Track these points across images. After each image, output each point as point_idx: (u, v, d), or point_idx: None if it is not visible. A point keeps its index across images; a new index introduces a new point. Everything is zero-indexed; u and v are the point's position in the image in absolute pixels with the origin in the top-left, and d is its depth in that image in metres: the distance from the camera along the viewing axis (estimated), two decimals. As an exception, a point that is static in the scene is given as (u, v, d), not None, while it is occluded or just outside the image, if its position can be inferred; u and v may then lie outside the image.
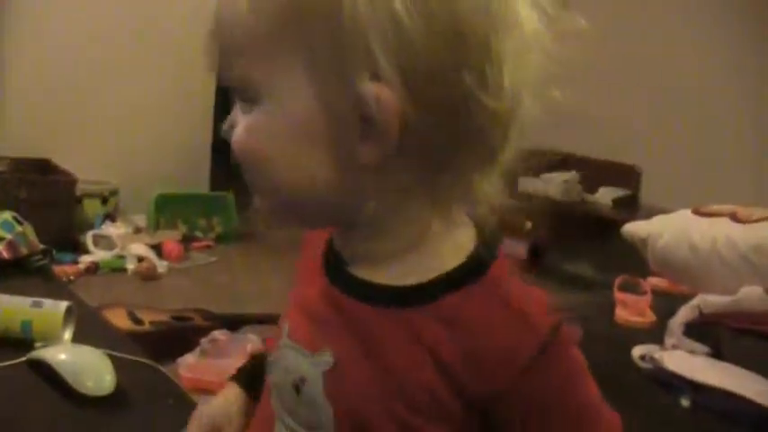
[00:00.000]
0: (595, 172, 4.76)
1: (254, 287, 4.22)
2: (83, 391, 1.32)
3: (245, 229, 5.20)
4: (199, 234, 5.00)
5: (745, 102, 4.39)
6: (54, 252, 2.18)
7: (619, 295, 1.99)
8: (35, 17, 4.60)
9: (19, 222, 2.12)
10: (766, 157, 4.34)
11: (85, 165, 4.67)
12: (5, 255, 2.04)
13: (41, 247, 2.17)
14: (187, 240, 4.82)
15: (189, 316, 3.30)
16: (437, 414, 0.75)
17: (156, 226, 4.88)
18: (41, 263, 2.15)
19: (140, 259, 4.31)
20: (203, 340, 3.03)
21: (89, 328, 1.60)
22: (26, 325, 1.48)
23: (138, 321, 3.14)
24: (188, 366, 2.83)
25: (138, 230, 4.76)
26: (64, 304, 1.52)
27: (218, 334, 3.11)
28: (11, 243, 2.07)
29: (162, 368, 1.51)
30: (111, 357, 1.40)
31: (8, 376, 1.39)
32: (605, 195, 4.58)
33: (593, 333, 1.91)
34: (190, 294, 3.99)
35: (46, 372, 1.36)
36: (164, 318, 3.24)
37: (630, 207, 4.54)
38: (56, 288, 1.93)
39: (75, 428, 1.29)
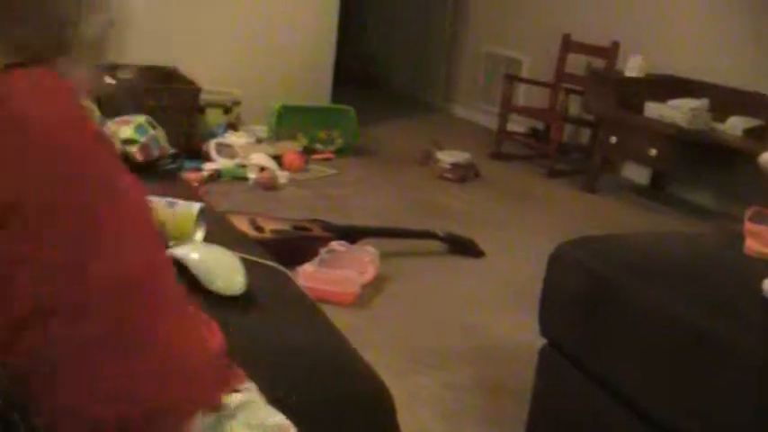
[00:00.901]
0: (725, 100, 4.58)
1: (372, 201, 4.26)
2: (213, 289, 1.36)
3: (364, 143, 5.24)
4: (319, 146, 5.05)
5: None
6: (183, 157, 2.24)
7: (749, 226, 1.93)
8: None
9: (152, 126, 2.18)
10: None
11: (209, 75, 4.75)
12: (139, 157, 2.11)
13: (172, 151, 2.23)
14: (307, 152, 4.87)
15: (308, 226, 3.36)
16: None
17: (277, 137, 4.95)
18: (171, 166, 2.21)
19: (261, 169, 4.38)
20: (322, 250, 3.09)
21: (218, 231, 1.64)
22: (160, 224, 1.52)
23: (258, 229, 3.21)
24: (306, 275, 2.89)
25: (259, 141, 4.83)
26: (197, 205, 1.56)
27: (337, 245, 3.16)
28: (144, 146, 2.13)
29: (289, 273, 1.54)
30: (241, 259, 1.44)
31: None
32: (736, 125, 4.41)
33: (722, 264, 1.88)
34: (309, 205, 4.06)
35: (177, 270, 1.41)
36: (284, 227, 3.30)
37: (762, 138, 4.36)
38: (185, 191, 1.98)
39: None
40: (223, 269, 1.39)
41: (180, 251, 1.42)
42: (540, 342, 2.05)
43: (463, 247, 3.60)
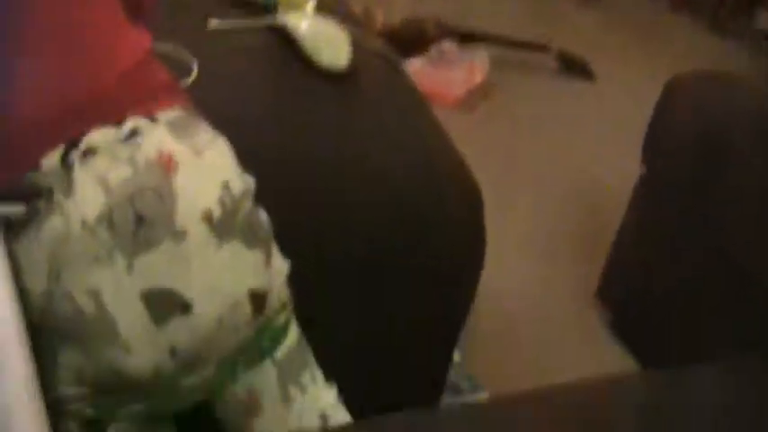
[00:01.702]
0: None
1: (490, 6, 4.11)
2: (317, 62, 1.33)
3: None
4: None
5: None
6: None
7: None
8: None
9: None
10: None
11: None
12: None
13: None
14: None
15: (422, 22, 3.27)
16: None
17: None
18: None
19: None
20: (432, 48, 3.01)
21: (330, 6, 1.59)
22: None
23: (370, 19, 3.14)
24: (413, 71, 2.83)
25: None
26: (311, -25, 1.51)
27: (448, 45, 3.08)
28: None
29: (394, 57, 1.49)
30: (350, 38, 1.39)
31: (247, 36, 1.41)
32: None
33: None
34: (425, 1, 3.94)
35: (285, 39, 1.38)
36: (396, 20, 3.22)
37: None
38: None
39: (304, 98, 1.32)
40: (330, 42, 1.35)
41: (290, 20, 1.38)
42: (639, 172, 1.99)
43: (575, 68, 3.47)
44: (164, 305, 0.90)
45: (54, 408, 0.93)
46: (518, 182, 2.56)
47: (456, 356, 1.76)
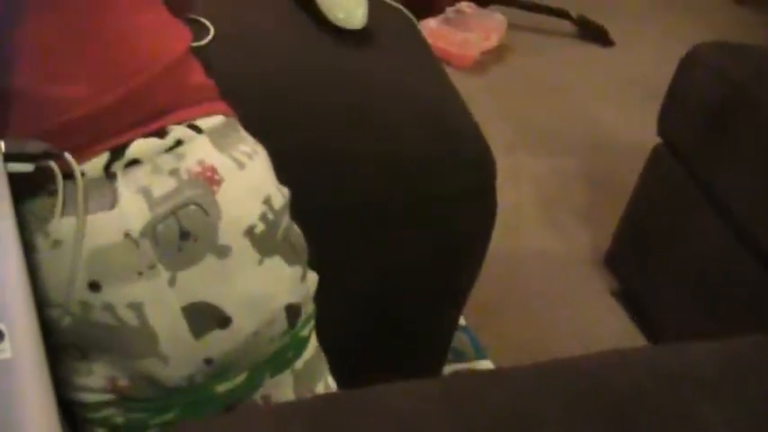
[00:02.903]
0: None
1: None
2: (333, 20, 1.32)
3: None
4: None
5: None
6: None
7: None
8: None
9: None
10: None
11: None
12: None
13: None
14: None
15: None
16: None
17: None
18: None
19: None
20: (449, 9, 2.98)
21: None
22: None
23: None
24: (429, 31, 2.80)
25: None
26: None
27: (466, 6, 3.04)
28: None
29: (410, 15, 1.48)
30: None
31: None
32: None
33: None
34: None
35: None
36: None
37: None
38: None
39: (320, 56, 1.30)
40: (345, 1, 1.33)
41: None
42: (653, 141, 1.98)
43: (594, 33, 3.44)
44: (204, 319, 0.90)
45: (82, 414, 0.95)
46: (530, 147, 2.54)
47: (461, 321, 1.76)
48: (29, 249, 0.85)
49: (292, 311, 0.99)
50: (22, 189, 0.83)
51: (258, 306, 0.94)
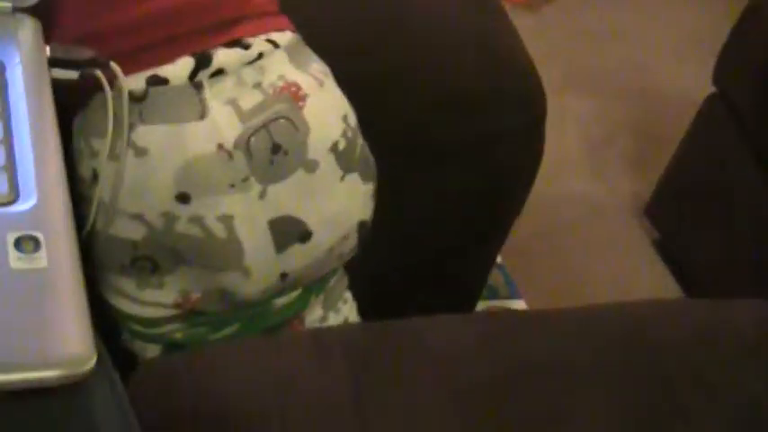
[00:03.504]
0: None
1: None
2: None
3: None
4: None
5: None
6: None
7: None
8: None
9: None
10: None
11: None
12: None
13: None
14: None
15: None
16: None
17: None
18: None
19: None
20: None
21: None
22: None
23: None
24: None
25: None
26: None
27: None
28: None
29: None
30: None
31: None
32: None
33: None
34: None
35: None
36: None
37: None
38: None
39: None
40: None
41: None
42: (706, 93, 1.93)
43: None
44: (288, 233, 0.90)
45: (137, 330, 0.94)
46: (578, 89, 2.49)
47: (498, 259, 1.75)
48: (98, 158, 0.84)
49: (363, 228, 1.00)
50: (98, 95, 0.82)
51: (337, 221, 0.95)
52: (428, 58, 1.22)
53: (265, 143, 0.86)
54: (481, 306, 1.69)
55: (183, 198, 0.84)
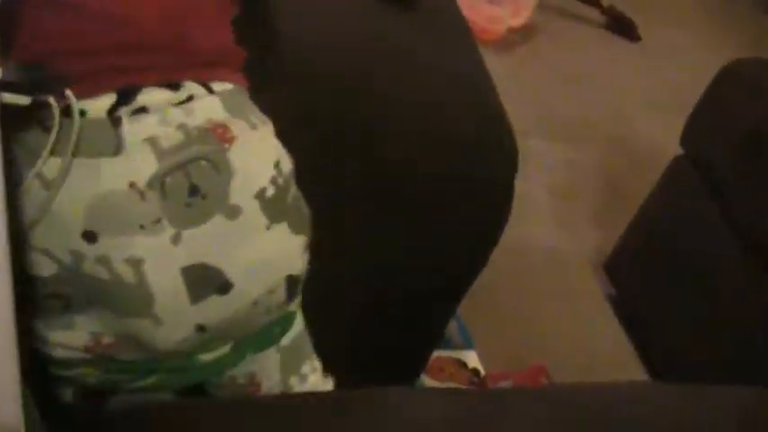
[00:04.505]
0: None
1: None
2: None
3: None
4: None
5: None
6: None
7: None
8: None
9: None
10: None
11: None
12: None
13: None
14: None
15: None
16: None
17: None
18: None
19: None
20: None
21: None
22: None
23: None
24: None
25: None
26: None
27: (498, -22, 2.95)
28: None
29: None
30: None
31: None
32: None
33: None
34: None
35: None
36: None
37: None
38: None
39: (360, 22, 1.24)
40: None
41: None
42: (674, 150, 1.90)
43: (622, 27, 3.35)
44: (204, 282, 0.85)
45: (52, 370, 0.89)
46: (547, 134, 2.47)
47: (455, 308, 1.71)
48: (17, 186, 0.78)
49: (292, 283, 0.94)
50: (18, 121, 0.76)
51: (261, 273, 0.89)
52: (414, 101, 1.18)
53: (182, 184, 0.81)
54: (433, 355, 1.64)
55: (90, 237, 0.79)
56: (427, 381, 1.63)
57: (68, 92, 0.77)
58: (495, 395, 1.20)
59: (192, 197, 0.82)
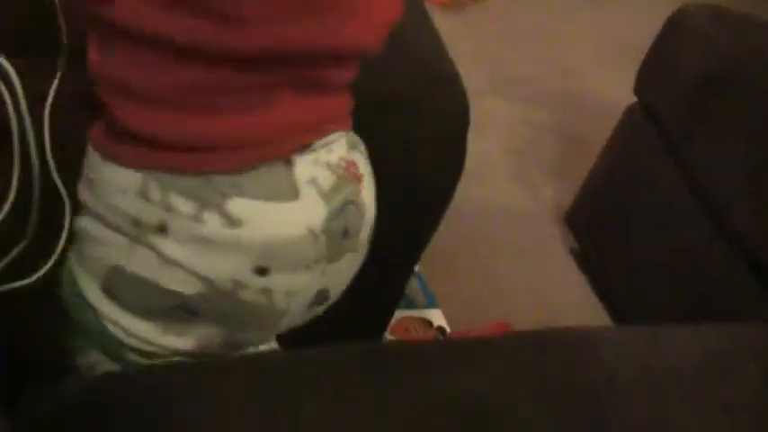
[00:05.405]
0: None
1: None
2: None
3: None
4: None
5: None
6: None
7: None
8: None
9: None
10: None
11: None
12: None
13: None
14: None
15: None
16: None
17: None
18: None
19: None
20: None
21: None
22: None
23: None
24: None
25: None
26: None
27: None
28: None
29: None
30: None
31: None
32: None
33: None
34: None
35: None
36: None
37: None
38: None
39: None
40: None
41: None
42: (629, 101, 1.92)
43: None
44: (319, 300, 0.92)
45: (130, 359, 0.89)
46: (502, 93, 2.47)
47: (416, 268, 1.71)
48: (175, 216, 0.80)
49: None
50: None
51: (343, 285, 0.97)
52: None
53: (340, 227, 0.86)
54: (398, 315, 1.65)
55: (262, 271, 0.82)
56: (393, 341, 1.64)
57: None
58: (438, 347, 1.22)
59: (344, 238, 0.87)
